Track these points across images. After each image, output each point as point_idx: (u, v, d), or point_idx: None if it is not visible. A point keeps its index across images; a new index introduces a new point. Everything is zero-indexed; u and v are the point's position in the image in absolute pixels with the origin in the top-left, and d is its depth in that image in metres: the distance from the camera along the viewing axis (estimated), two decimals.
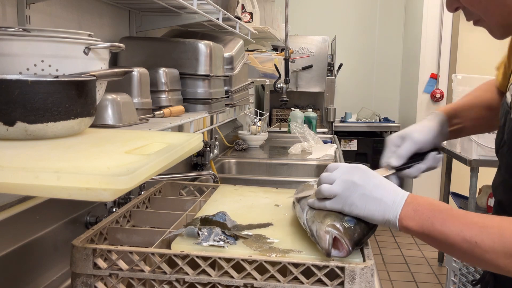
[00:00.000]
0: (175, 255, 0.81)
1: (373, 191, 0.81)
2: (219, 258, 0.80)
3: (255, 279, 0.80)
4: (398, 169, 1.01)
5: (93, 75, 0.79)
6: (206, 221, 0.93)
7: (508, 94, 0.92)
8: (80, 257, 0.82)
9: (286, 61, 2.70)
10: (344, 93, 5.15)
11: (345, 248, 0.79)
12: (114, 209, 1.29)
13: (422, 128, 1.03)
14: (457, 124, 1.10)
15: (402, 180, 1.03)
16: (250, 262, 0.79)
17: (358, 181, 0.82)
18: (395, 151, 1.02)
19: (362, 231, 0.83)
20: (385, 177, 0.90)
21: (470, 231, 0.75)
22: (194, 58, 1.42)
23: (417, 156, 1.01)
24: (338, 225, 0.81)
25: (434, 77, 4.42)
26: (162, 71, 1.31)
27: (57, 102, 0.69)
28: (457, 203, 3.30)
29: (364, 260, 0.81)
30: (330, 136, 3.53)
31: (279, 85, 2.78)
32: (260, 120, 3.10)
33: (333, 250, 0.79)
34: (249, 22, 2.60)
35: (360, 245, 0.84)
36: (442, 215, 0.77)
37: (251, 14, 2.64)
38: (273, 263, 0.79)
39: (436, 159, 1.02)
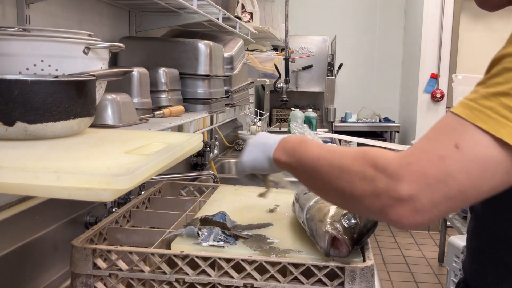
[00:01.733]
0: (175, 255, 0.81)
1: (261, 139, 0.88)
2: (219, 258, 0.80)
3: (255, 279, 0.79)
4: None
5: (93, 75, 0.79)
6: (206, 221, 0.93)
7: None
8: (80, 257, 0.82)
9: (286, 61, 2.70)
10: (344, 93, 5.14)
11: (345, 247, 0.79)
12: (114, 209, 1.29)
13: None
14: None
15: None
16: (250, 262, 0.79)
17: (254, 137, 0.90)
18: None
19: (362, 230, 0.83)
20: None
21: (318, 151, 0.74)
22: (194, 58, 1.42)
23: None
24: (337, 225, 0.81)
25: (435, 77, 4.42)
26: (162, 71, 1.31)
27: (57, 102, 0.69)
28: None
29: (364, 260, 0.81)
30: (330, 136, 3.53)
31: (279, 85, 2.78)
32: (260, 120, 3.09)
33: (333, 250, 0.79)
34: (249, 22, 2.60)
35: (360, 245, 0.84)
36: (304, 143, 0.79)
37: (251, 14, 2.64)
38: (273, 263, 0.79)
39: None
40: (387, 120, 4.98)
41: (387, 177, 0.61)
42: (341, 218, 0.82)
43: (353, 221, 0.82)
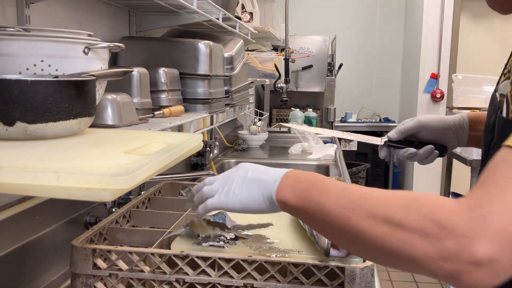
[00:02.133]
0: (175, 255, 0.81)
1: (252, 174, 0.74)
2: (219, 258, 0.80)
3: (255, 279, 0.79)
4: (391, 145, 1.01)
5: (93, 75, 0.79)
6: (193, 225, 0.92)
7: (497, 94, 0.84)
8: (80, 257, 0.82)
9: (286, 61, 2.69)
10: (344, 93, 5.14)
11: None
12: (114, 209, 1.29)
13: (436, 116, 1.00)
14: (480, 130, 0.99)
15: (393, 157, 1.01)
16: (250, 262, 0.79)
17: (237, 171, 0.76)
18: (398, 128, 1.01)
19: None
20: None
21: (349, 196, 0.62)
22: (194, 58, 1.42)
23: (417, 145, 1.01)
24: None
25: (435, 77, 4.42)
26: (162, 71, 1.31)
27: (57, 102, 0.69)
28: None
29: (364, 260, 0.81)
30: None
31: (279, 85, 2.78)
32: (260, 120, 3.09)
33: (333, 250, 0.79)
34: (249, 22, 2.60)
35: None
36: (322, 184, 0.67)
37: (251, 14, 2.64)
38: (273, 263, 0.79)
39: (427, 151, 0.99)
40: (387, 120, 4.98)
41: (457, 236, 0.51)
42: None
43: None
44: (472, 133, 1.03)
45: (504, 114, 0.74)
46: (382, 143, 1.01)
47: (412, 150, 1.00)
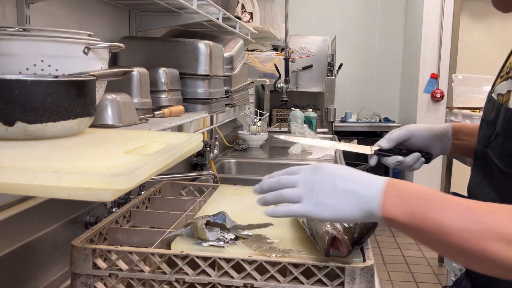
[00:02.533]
0: (175, 255, 0.81)
1: (343, 184, 0.70)
2: (219, 258, 0.80)
3: (255, 279, 0.79)
4: (380, 154, 1.05)
5: (93, 75, 0.79)
6: (191, 224, 0.92)
7: (493, 95, 0.91)
8: (80, 257, 0.82)
9: (286, 61, 2.69)
10: (344, 93, 5.14)
11: (344, 248, 0.79)
12: (114, 209, 1.29)
13: (423, 125, 1.06)
14: (463, 140, 1.07)
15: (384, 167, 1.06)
16: (250, 262, 0.79)
17: (322, 176, 0.72)
18: (388, 136, 1.06)
19: (362, 230, 0.83)
20: (366, 156, 0.96)
21: (473, 216, 0.61)
22: (194, 58, 1.42)
23: (404, 153, 1.05)
24: (337, 225, 0.81)
25: (435, 77, 4.42)
26: (162, 71, 1.31)
27: (57, 102, 0.69)
28: None
29: (364, 260, 0.81)
30: (330, 136, 3.53)
31: (279, 85, 2.78)
32: (260, 120, 3.09)
33: (333, 250, 0.79)
34: (249, 22, 2.60)
35: (360, 245, 0.84)
36: (436, 201, 0.65)
37: (251, 14, 2.64)
38: (273, 263, 0.79)
39: (415, 158, 1.03)
40: (387, 120, 4.98)
41: None
42: None
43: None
44: (455, 142, 1.08)
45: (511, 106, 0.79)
46: (372, 152, 1.05)
47: (400, 157, 1.04)
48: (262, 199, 0.78)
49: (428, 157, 1.06)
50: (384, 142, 1.06)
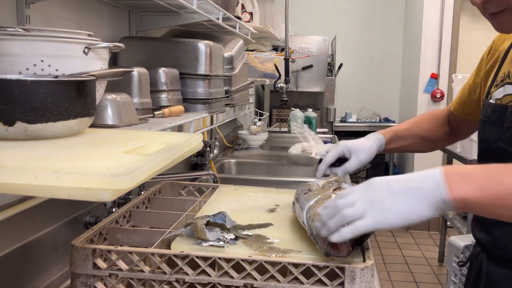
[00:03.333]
0: (175, 255, 0.81)
1: (398, 186, 0.70)
2: (219, 258, 0.80)
3: (255, 279, 0.79)
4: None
5: (93, 75, 0.79)
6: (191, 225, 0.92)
7: (491, 101, 1.05)
8: (80, 257, 0.82)
9: (286, 61, 2.69)
10: (344, 93, 5.14)
11: (344, 248, 0.78)
12: (114, 209, 1.29)
13: (369, 148, 1.15)
14: (392, 147, 1.24)
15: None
16: (250, 262, 0.79)
17: (377, 188, 0.72)
18: (342, 166, 1.14)
19: None
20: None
21: None
22: (194, 58, 1.42)
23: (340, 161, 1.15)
24: None
25: (435, 77, 4.42)
26: (162, 71, 1.31)
27: (57, 102, 0.69)
28: None
29: (364, 260, 0.81)
30: (330, 136, 3.53)
31: (279, 85, 2.78)
32: (260, 120, 3.09)
33: (333, 250, 0.78)
34: (249, 22, 2.60)
35: (360, 245, 0.84)
36: (498, 170, 0.66)
37: (251, 14, 2.64)
38: (273, 263, 0.79)
39: (360, 166, 1.15)
40: (387, 120, 4.98)
41: None
42: None
43: None
44: (386, 148, 1.22)
45: None
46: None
47: (345, 167, 1.14)
48: (325, 230, 0.76)
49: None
50: (340, 172, 1.14)
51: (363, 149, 1.14)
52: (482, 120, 1.07)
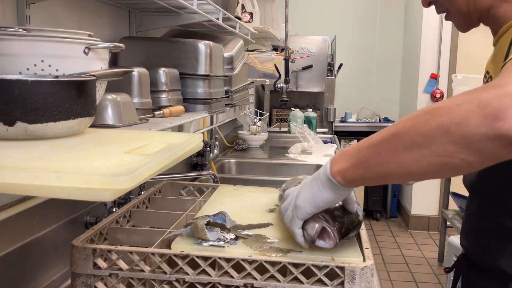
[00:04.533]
0: (175, 255, 0.81)
1: (312, 176, 0.82)
2: (219, 258, 0.80)
3: (255, 279, 0.80)
4: None
5: (93, 75, 0.79)
6: (191, 225, 0.92)
7: None
8: (80, 257, 0.82)
9: (286, 61, 2.70)
10: (344, 93, 5.14)
11: (332, 239, 0.79)
12: (114, 209, 1.29)
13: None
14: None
15: None
16: (250, 262, 0.79)
17: (306, 181, 0.83)
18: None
19: (350, 225, 0.85)
20: None
21: (403, 122, 0.70)
22: (194, 58, 1.42)
23: None
24: (327, 217, 0.82)
25: (434, 77, 4.42)
26: (162, 71, 1.31)
27: (57, 102, 0.69)
28: (457, 203, 3.30)
29: (364, 260, 0.81)
30: (330, 136, 3.53)
31: (279, 85, 2.78)
32: (260, 120, 3.10)
33: (320, 240, 0.80)
34: (249, 22, 2.60)
35: (347, 239, 0.85)
36: (368, 140, 0.74)
37: (251, 14, 2.64)
38: (273, 263, 0.79)
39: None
40: (387, 120, 4.98)
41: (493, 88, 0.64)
42: (331, 211, 0.83)
43: (342, 215, 0.84)
44: None
45: None
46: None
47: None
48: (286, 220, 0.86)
49: None
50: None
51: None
52: None
